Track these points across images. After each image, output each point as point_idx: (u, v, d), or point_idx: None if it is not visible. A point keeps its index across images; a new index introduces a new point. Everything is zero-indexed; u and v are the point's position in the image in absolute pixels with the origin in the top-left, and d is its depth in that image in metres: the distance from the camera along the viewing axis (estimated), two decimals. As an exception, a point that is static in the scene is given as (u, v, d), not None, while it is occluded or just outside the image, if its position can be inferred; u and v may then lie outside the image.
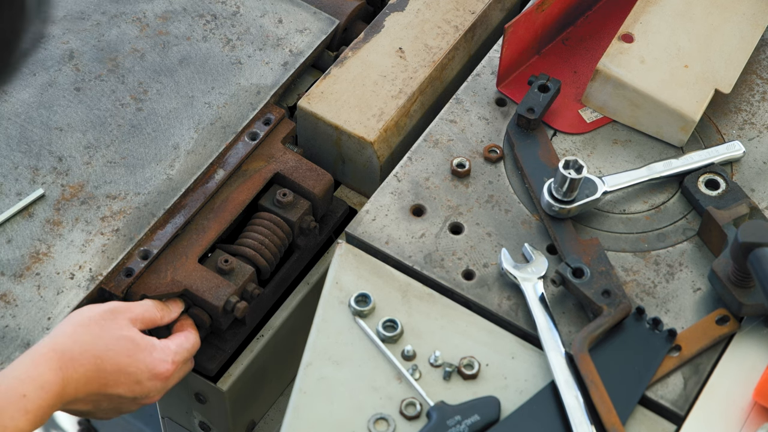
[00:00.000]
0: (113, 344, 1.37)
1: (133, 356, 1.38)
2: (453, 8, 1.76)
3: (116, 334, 1.38)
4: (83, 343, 1.35)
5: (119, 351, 1.37)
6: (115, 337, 1.38)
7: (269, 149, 1.62)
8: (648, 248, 1.51)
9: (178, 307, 1.49)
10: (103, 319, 1.39)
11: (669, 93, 1.58)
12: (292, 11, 1.75)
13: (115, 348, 1.37)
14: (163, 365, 1.41)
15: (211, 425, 1.68)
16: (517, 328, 1.44)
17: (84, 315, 1.39)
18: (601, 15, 1.73)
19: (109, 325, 1.39)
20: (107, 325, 1.38)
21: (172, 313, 1.48)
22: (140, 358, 1.39)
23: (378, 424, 1.36)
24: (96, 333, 1.37)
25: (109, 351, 1.37)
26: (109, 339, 1.37)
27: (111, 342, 1.37)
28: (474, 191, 1.55)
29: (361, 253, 1.50)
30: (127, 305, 1.43)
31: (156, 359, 1.41)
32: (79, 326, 1.37)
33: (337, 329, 1.44)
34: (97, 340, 1.36)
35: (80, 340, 1.35)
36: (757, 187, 1.56)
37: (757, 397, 1.38)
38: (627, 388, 1.38)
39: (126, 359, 1.38)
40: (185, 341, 1.46)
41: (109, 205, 1.54)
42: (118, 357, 1.37)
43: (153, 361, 1.40)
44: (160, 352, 1.41)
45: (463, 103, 1.63)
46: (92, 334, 1.37)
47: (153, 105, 1.64)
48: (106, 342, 1.37)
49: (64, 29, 1.70)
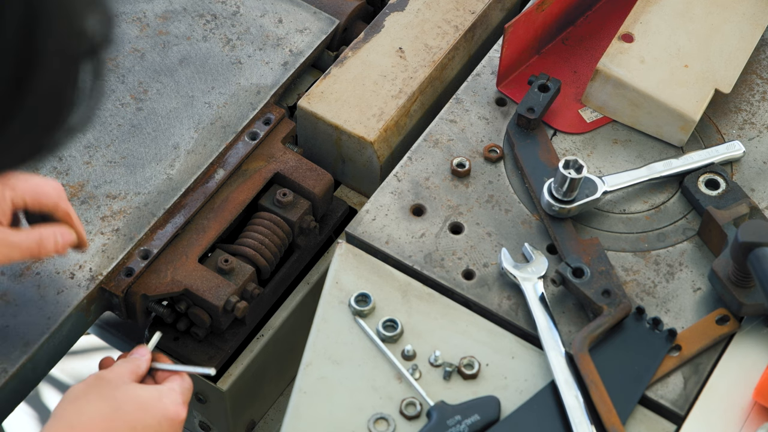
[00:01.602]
0: (119, 404, 1.32)
1: (144, 409, 1.33)
2: (453, 8, 1.76)
3: (117, 395, 1.33)
4: (89, 413, 1.31)
5: (128, 408, 1.32)
6: (117, 398, 1.33)
7: (269, 149, 1.62)
8: (648, 248, 1.51)
9: (145, 350, 1.43)
10: (96, 387, 1.34)
11: (669, 93, 1.58)
12: (292, 11, 1.75)
13: (122, 407, 1.32)
14: (176, 408, 1.36)
15: (211, 425, 1.68)
16: (517, 328, 1.44)
17: (78, 389, 1.34)
18: (601, 15, 1.73)
19: (106, 390, 1.34)
20: (104, 390, 1.34)
21: (143, 360, 1.41)
22: (152, 408, 1.33)
23: (378, 424, 1.36)
24: (97, 400, 1.32)
25: (118, 411, 1.32)
26: (112, 401, 1.32)
27: (115, 403, 1.32)
28: (474, 191, 1.55)
29: (361, 253, 1.50)
30: (106, 370, 1.38)
31: (168, 405, 1.35)
32: (78, 400, 1.33)
33: (337, 329, 1.44)
34: (101, 406, 1.32)
35: (86, 412, 1.31)
36: (757, 187, 1.56)
37: (757, 397, 1.38)
38: (627, 388, 1.38)
39: (138, 414, 1.33)
40: (184, 381, 1.40)
41: (109, 205, 1.54)
42: (128, 414, 1.32)
43: (165, 408, 1.34)
44: (168, 397, 1.36)
45: (463, 103, 1.63)
46: (95, 402, 1.32)
47: (153, 105, 1.64)
48: (110, 404, 1.32)
49: (64, 29, 1.70)
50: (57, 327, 1.45)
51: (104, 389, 1.34)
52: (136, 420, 1.32)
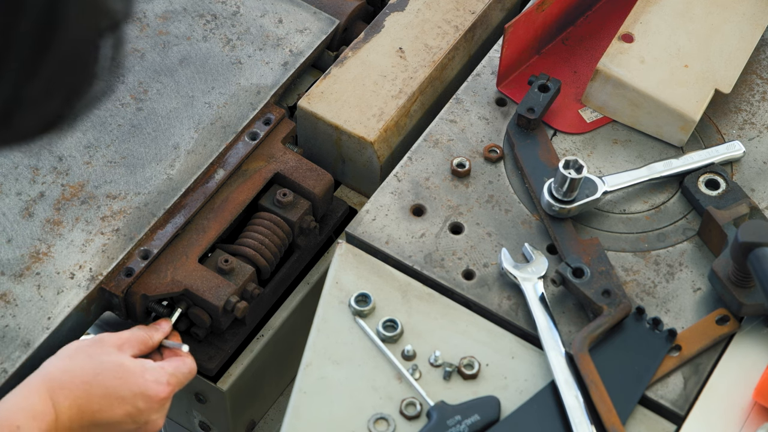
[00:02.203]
0: (101, 369, 1.36)
1: (123, 379, 1.36)
2: (453, 8, 1.76)
3: (104, 359, 1.37)
4: (71, 371, 1.35)
5: (108, 375, 1.36)
6: (102, 362, 1.36)
7: (269, 149, 1.62)
8: (648, 248, 1.51)
9: (167, 324, 1.48)
10: (90, 347, 1.37)
11: (669, 93, 1.58)
12: (292, 11, 1.75)
13: (103, 372, 1.36)
14: (157, 387, 1.38)
15: (211, 425, 1.68)
16: (517, 328, 1.44)
17: (71, 347, 1.39)
18: (601, 15, 1.73)
19: (97, 352, 1.37)
20: (94, 353, 1.37)
21: (160, 332, 1.46)
22: (131, 380, 1.36)
23: (378, 424, 1.36)
24: (83, 361, 1.36)
25: (98, 376, 1.35)
26: (96, 364, 1.36)
27: (99, 367, 1.36)
28: (474, 191, 1.55)
29: (361, 253, 1.50)
30: (114, 333, 1.42)
31: (149, 381, 1.37)
32: (66, 357, 1.37)
33: (337, 329, 1.44)
34: (85, 367, 1.35)
35: (69, 369, 1.35)
36: (757, 187, 1.56)
37: (757, 397, 1.38)
38: (627, 388, 1.38)
39: (116, 382, 1.36)
40: (182, 365, 1.42)
41: (110, 205, 1.54)
42: (107, 381, 1.35)
43: (145, 383, 1.37)
44: (152, 374, 1.38)
45: (463, 103, 1.63)
46: (80, 363, 1.36)
47: (153, 105, 1.64)
48: (94, 367, 1.36)
49: (64, 29, 1.70)
50: (57, 327, 1.45)
51: (94, 351, 1.37)
52: (112, 387, 1.35)
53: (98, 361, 1.36)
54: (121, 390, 1.36)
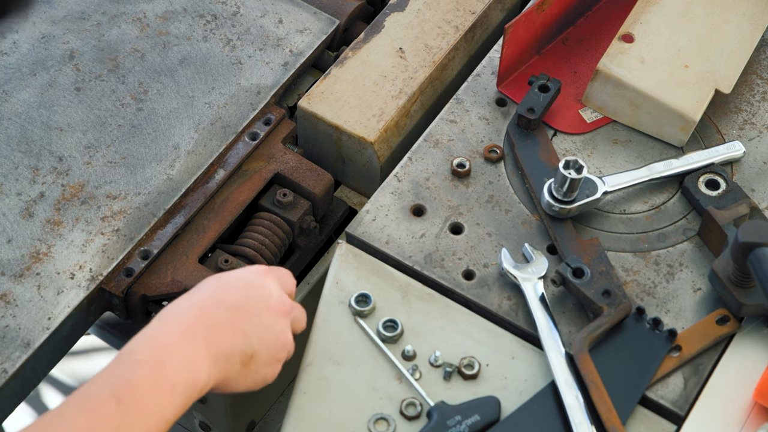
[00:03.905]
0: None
1: (216, 274, 1.34)
2: (453, 8, 1.76)
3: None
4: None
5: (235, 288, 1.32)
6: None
7: (269, 149, 1.63)
8: (648, 248, 1.51)
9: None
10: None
11: (669, 93, 1.58)
12: (292, 11, 1.75)
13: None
14: (283, 296, 1.34)
15: (211, 425, 1.68)
16: (517, 328, 1.44)
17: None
18: (601, 15, 1.73)
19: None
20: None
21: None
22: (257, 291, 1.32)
23: (378, 424, 1.36)
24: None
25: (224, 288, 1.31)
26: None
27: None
28: (474, 191, 1.55)
29: (361, 253, 1.50)
30: None
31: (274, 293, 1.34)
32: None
33: (337, 329, 1.44)
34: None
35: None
36: (757, 187, 1.56)
37: (757, 397, 1.38)
38: (627, 388, 1.38)
39: (214, 277, 1.32)
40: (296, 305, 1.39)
41: (110, 205, 1.54)
42: (208, 283, 1.32)
43: (271, 293, 1.33)
44: (276, 292, 1.35)
45: (464, 103, 1.63)
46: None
47: (153, 105, 1.64)
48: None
49: (65, 29, 1.70)
50: (57, 327, 1.45)
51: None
52: (240, 294, 1.31)
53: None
54: (228, 278, 1.32)
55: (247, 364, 1.29)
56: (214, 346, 1.25)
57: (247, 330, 1.29)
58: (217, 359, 1.25)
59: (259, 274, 1.34)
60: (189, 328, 1.25)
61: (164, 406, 1.19)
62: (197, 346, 1.24)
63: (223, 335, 1.27)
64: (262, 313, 1.31)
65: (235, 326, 1.28)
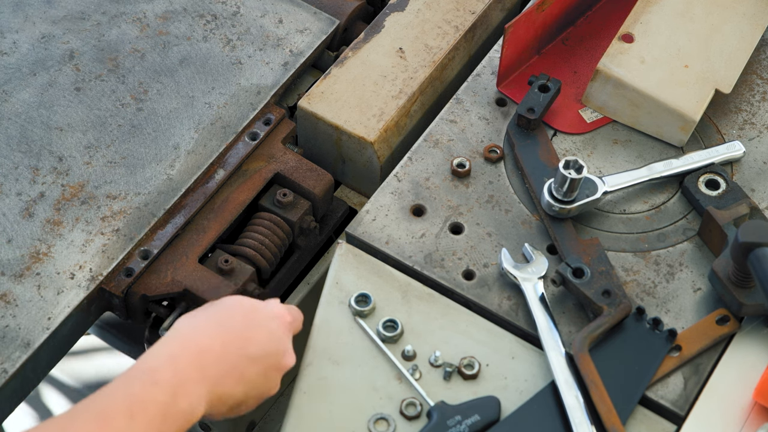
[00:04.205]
0: (229, 309, 1.34)
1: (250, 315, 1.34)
2: (453, 8, 1.76)
3: (227, 301, 1.35)
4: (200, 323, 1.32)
5: (236, 318, 1.33)
6: (226, 302, 1.35)
7: (269, 149, 1.63)
8: (648, 248, 1.51)
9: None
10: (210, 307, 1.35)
11: (669, 93, 1.58)
12: (292, 11, 1.75)
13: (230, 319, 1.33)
14: (280, 308, 1.36)
15: (211, 425, 1.68)
16: (517, 328, 1.44)
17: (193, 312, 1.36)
18: (601, 15, 1.73)
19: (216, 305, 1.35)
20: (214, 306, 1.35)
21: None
22: (258, 311, 1.34)
23: (378, 424, 1.36)
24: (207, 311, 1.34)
25: (223, 313, 1.33)
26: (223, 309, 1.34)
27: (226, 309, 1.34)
28: (474, 191, 1.55)
29: (361, 253, 1.50)
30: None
31: (270, 303, 1.36)
32: (191, 316, 1.34)
33: (337, 329, 1.44)
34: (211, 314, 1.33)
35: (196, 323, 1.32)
36: (757, 187, 1.56)
37: (757, 397, 1.38)
38: (627, 388, 1.38)
39: (241, 314, 1.33)
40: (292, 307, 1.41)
41: (110, 205, 1.54)
42: (233, 319, 1.33)
43: (267, 304, 1.35)
44: (271, 302, 1.37)
45: (464, 103, 1.63)
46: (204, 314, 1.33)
47: (153, 105, 1.64)
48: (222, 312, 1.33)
49: (65, 29, 1.70)
50: (57, 327, 1.45)
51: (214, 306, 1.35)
52: (244, 325, 1.32)
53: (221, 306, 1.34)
54: (254, 321, 1.33)
55: (233, 410, 1.31)
56: (218, 388, 1.28)
57: (252, 383, 1.31)
58: (212, 399, 1.27)
59: (284, 328, 1.35)
60: (205, 367, 1.27)
61: (170, 423, 1.21)
62: (205, 385, 1.26)
63: (229, 382, 1.29)
64: (271, 372, 1.33)
65: (243, 377, 1.30)
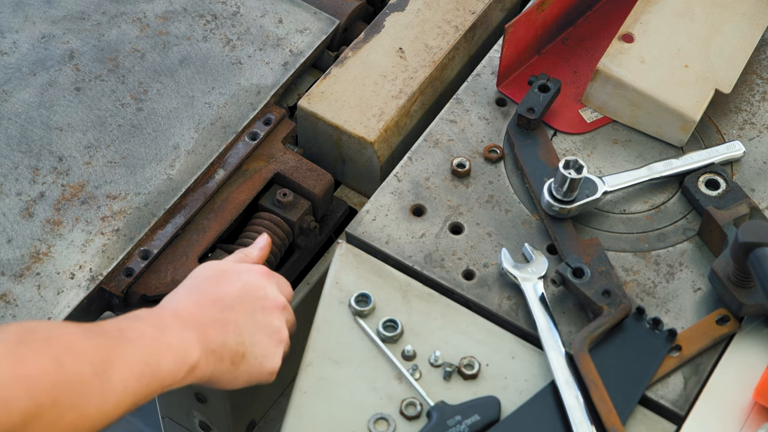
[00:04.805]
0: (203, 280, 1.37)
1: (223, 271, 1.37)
2: (453, 8, 1.76)
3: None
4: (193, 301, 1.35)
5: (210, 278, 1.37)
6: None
7: (269, 149, 1.63)
8: (648, 248, 1.51)
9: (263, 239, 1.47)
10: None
11: (669, 93, 1.58)
12: (292, 11, 1.75)
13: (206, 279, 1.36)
14: (249, 251, 1.41)
15: (211, 425, 1.68)
16: (517, 328, 1.44)
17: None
18: (601, 15, 1.73)
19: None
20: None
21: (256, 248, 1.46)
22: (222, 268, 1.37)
23: (378, 424, 1.36)
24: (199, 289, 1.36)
25: (202, 283, 1.36)
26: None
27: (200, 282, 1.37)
28: (474, 191, 1.55)
29: (361, 253, 1.50)
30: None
31: (236, 256, 1.40)
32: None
33: (337, 329, 1.44)
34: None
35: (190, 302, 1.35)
36: (757, 187, 1.56)
37: (757, 397, 1.38)
38: (627, 388, 1.38)
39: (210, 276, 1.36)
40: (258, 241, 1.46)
41: (110, 205, 1.54)
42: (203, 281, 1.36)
43: (240, 264, 1.38)
44: (236, 254, 1.41)
45: (464, 103, 1.63)
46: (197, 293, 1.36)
47: (153, 105, 1.64)
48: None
49: (65, 29, 1.70)
50: (57, 327, 1.45)
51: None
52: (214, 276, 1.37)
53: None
54: (223, 279, 1.36)
55: (237, 364, 1.32)
56: (203, 334, 1.29)
57: (240, 327, 1.33)
58: (204, 349, 1.28)
59: (259, 275, 1.37)
60: (184, 319, 1.29)
61: (158, 355, 1.23)
62: (189, 330, 1.28)
63: (213, 328, 1.30)
64: (258, 314, 1.35)
65: (227, 323, 1.32)
